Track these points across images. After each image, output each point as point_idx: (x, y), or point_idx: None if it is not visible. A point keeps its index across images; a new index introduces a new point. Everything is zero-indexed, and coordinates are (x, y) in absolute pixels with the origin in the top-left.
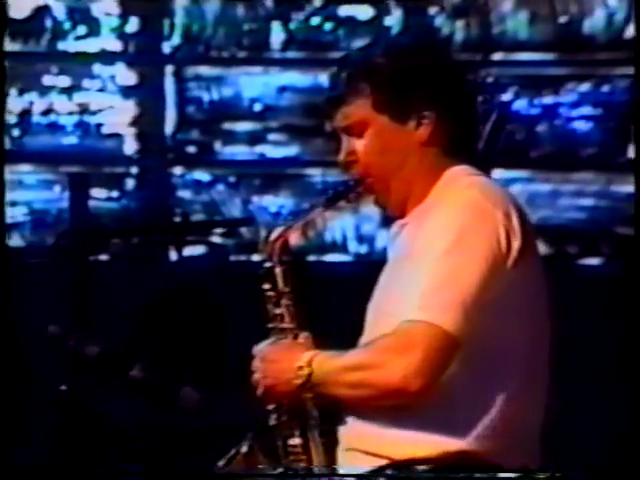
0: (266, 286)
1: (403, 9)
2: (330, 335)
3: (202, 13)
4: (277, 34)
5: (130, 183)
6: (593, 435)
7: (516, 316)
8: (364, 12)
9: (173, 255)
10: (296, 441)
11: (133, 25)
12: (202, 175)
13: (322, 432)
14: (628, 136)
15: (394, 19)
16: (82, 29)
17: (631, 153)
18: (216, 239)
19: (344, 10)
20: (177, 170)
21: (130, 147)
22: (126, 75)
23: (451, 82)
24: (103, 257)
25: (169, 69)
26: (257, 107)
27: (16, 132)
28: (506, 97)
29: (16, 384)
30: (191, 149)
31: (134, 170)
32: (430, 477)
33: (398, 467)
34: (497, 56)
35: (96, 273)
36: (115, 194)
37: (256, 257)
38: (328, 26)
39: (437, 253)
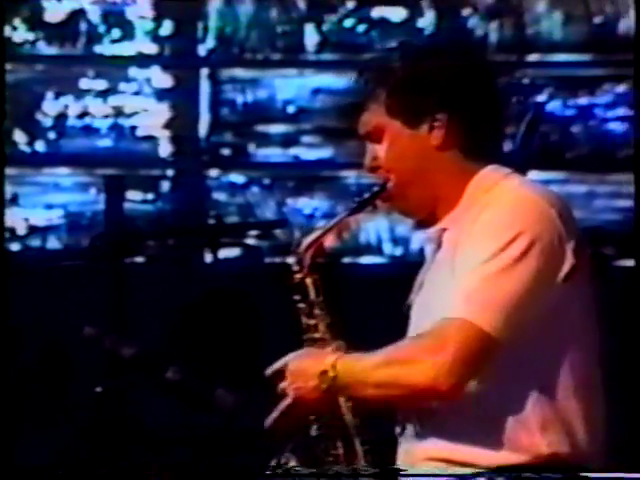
0: (298, 297)
1: (436, 10)
2: (365, 337)
3: (235, 15)
4: (311, 36)
5: (165, 185)
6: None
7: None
8: (397, 14)
9: (208, 257)
10: (338, 451)
11: (167, 28)
12: (236, 177)
13: (364, 441)
14: None
15: (427, 20)
16: (117, 32)
17: None
18: (251, 241)
19: (377, 12)
20: (212, 172)
21: (165, 150)
22: (161, 78)
23: (464, 83)
24: (138, 259)
25: (204, 72)
26: (291, 109)
27: (52, 135)
28: (541, 98)
29: (52, 385)
30: (225, 151)
31: (169, 172)
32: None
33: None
34: (532, 57)
35: (131, 275)
36: (150, 196)
37: (291, 259)
38: (361, 28)
39: (488, 254)
